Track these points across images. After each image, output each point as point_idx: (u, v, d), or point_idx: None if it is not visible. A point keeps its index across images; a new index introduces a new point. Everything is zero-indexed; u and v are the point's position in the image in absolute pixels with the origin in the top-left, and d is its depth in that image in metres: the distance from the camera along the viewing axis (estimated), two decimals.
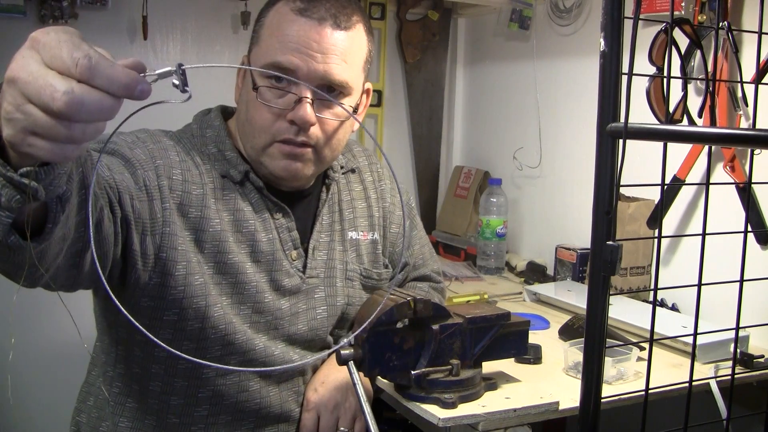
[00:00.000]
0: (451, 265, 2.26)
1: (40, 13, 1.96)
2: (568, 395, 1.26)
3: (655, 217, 1.79)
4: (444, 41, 2.60)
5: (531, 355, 1.40)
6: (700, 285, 0.88)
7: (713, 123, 1.08)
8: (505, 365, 1.36)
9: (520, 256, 2.32)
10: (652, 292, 1.47)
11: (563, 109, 2.17)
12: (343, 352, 1.13)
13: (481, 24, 2.57)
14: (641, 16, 1.61)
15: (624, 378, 1.34)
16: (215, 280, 1.18)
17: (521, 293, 1.97)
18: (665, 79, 0.89)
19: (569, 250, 2.02)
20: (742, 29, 1.60)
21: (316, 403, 1.26)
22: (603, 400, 0.79)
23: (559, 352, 1.44)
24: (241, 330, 1.19)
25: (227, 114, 1.31)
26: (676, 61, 0.89)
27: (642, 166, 1.40)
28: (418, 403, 1.19)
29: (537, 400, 1.23)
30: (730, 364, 1.08)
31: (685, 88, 0.97)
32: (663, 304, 1.77)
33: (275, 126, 1.17)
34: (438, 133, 2.65)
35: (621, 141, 0.74)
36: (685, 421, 0.88)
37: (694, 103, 1.52)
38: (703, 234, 0.86)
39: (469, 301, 1.82)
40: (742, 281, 0.89)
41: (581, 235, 2.07)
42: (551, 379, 1.35)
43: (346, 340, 1.17)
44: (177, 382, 1.20)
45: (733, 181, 1.62)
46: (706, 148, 1.55)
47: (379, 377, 1.22)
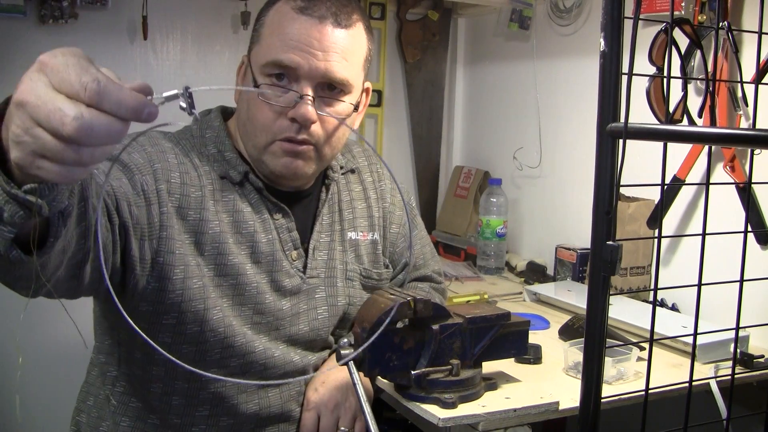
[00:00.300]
0: (451, 265, 2.26)
1: (40, 13, 1.96)
2: (568, 395, 1.26)
3: (655, 217, 1.79)
4: (444, 41, 2.60)
5: (531, 355, 1.40)
6: (700, 285, 0.88)
7: (713, 123, 1.08)
8: (505, 365, 1.36)
9: (520, 256, 2.32)
10: (652, 292, 1.47)
11: (563, 109, 2.17)
12: (343, 352, 1.13)
13: (481, 24, 2.57)
14: (641, 16, 1.61)
15: (624, 378, 1.34)
16: (215, 282, 1.18)
17: (521, 293, 1.97)
18: (665, 79, 0.89)
19: (569, 250, 2.02)
20: (742, 29, 1.60)
21: (317, 403, 1.26)
22: (603, 400, 0.79)
23: (559, 352, 1.44)
24: (241, 332, 1.19)
25: (227, 115, 1.31)
26: (676, 61, 0.89)
27: (642, 166, 1.39)
28: (418, 403, 1.19)
29: (537, 400, 1.23)
30: (730, 364, 1.08)
31: (685, 88, 0.97)
32: (663, 304, 1.77)
33: (276, 124, 1.18)
34: (438, 133, 2.65)
35: (621, 141, 0.74)
36: (685, 421, 0.88)
37: (694, 103, 1.52)
38: (703, 234, 0.86)
39: (469, 301, 1.82)
40: (742, 281, 0.89)
41: (581, 235, 2.07)
42: (551, 379, 1.35)
43: (345, 340, 1.17)
44: (178, 384, 1.20)
45: (733, 181, 1.62)
46: (706, 148, 1.55)
47: (379, 377, 1.23)
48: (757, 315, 1.37)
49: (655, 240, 1.80)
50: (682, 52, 0.96)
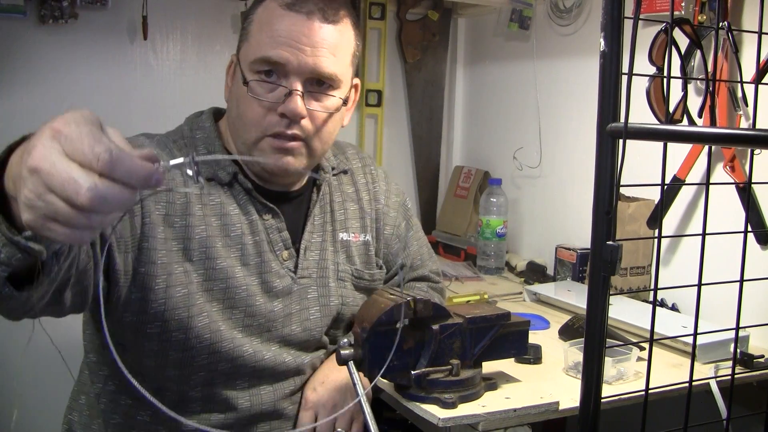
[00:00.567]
0: (451, 265, 2.26)
1: (40, 13, 1.96)
2: (568, 395, 1.26)
3: (655, 217, 1.79)
4: (444, 41, 2.60)
5: (531, 355, 1.40)
6: (700, 285, 0.88)
7: (713, 123, 1.08)
8: (505, 365, 1.36)
9: (520, 256, 2.31)
10: (652, 292, 1.47)
11: (563, 109, 2.17)
12: (342, 352, 1.13)
13: (481, 24, 2.57)
14: (641, 16, 1.61)
15: (624, 378, 1.34)
16: (205, 287, 1.18)
17: (521, 293, 1.97)
18: (665, 79, 0.89)
19: (569, 250, 2.02)
20: (742, 29, 1.60)
21: (315, 403, 1.27)
22: (603, 400, 0.79)
23: (559, 352, 1.44)
24: (229, 337, 1.19)
25: (219, 116, 1.32)
26: (676, 61, 0.89)
27: (642, 166, 1.39)
28: (418, 403, 1.19)
29: (537, 400, 1.23)
30: (730, 364, 1.07)
31: (685, 88, 0.97)
32: (663, 304, 1.77)
33: (266, 120, 1.18)
34: (438, 133, 2.65)
35: (621, 141, 0.74)
36: (685, 421, 0.88)
37: (694, 103, 1.52)
38: (703, 234, 0.86)
39: (469, 301, 1.82)
40: (742, 281, 0.89)
41: (581, 235, 2.07)
42: (551, 379, 1.35)
43: (345, 340, 1.17)
44: (168, 385, 1.21)
45: (733, 181, 1.62)
46: (706, 148, 1.55)
47: (379, 377, 1.22)
48: (757, 315, 1.37)
49: (655, 240, 1.80)
50: (682, 52, 0.96)
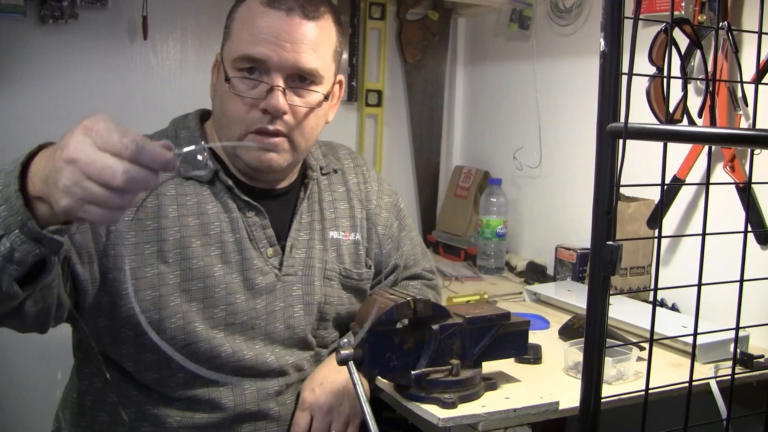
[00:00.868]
0: (451, 265, 2.26)
1: (40, 13, 1.96)
2: (568, 395, 1.25)
3: (655, 217, 1.79)
4: (444, 41, 2.60)
5: (531, 355, 1.40)
6: (700, 285, 0.88)
7: (713, 123, 1.08)
8: (505, 365, 1.36)
9: (520, 256, 2.31)
10: (652, 292, 1.47)
11: (563, 109, 2.17)
12: (343, 352, 1.13)
13: (481, 24, 2.57)
14: (641, 16, 1.61)
15: (624, 378, 1.34)
16: (183, 287, 1.19)
17: (521, 293, 1.97)
18: (665, 79, 0.89)
19: (569, 250, 2.02)
20: (742, 29, 1.60)
21: (311, 404, 1.27)
22: (603, 400, 0.79)
23: (559, 352, 1.44)
24: (205, 337, 1.20)
25: (207, 117, 1.34)
26: (676, 61, 0.89)
27: (642, 166, 1.39)
28: (418, 403, 1.19)
29: (537, 400, 1.23)
30: (730, 364, 1.08)
31: (685, 88, 0.97)
32: (663, 304, 1.77)
33: (249, 116, 1.20)
34: (438, 133, 2.65)
35: (621, 141, 0.74)
36: (685, 421, 0.88)
37: (694, 103, 1.52)
38: (703, 234, 0.86)
39: (469, 301, 1.82)
40: (742, 281, 0.89)
41: (581, 235, 2.07)
42: (551, 379, 1.35)
43: (345, 340, 1.17)
44: (152, 386, 1.21)
45: (733, 181, 1.62)
46: (706, 148, 1.55)
47: (379, 377, 1.22)
48: (757, 315, 1.36)
49: (655, 240, 1.80)
50: (682, 52, 0.96)
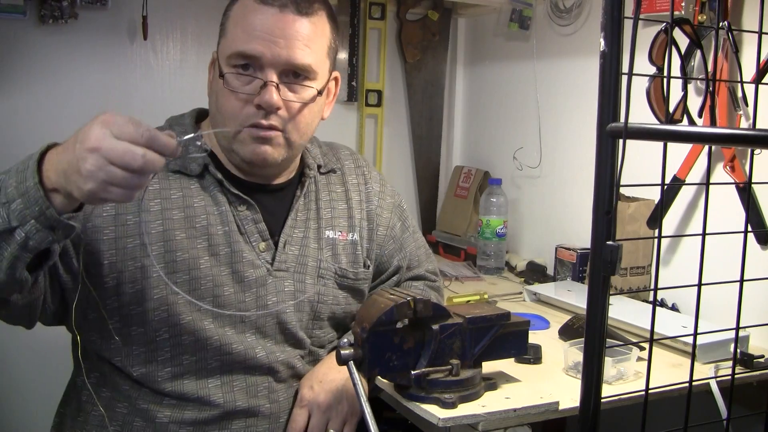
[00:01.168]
0: (451, 265, 2.26)
1: (40, 13, 1.96)
2: (568, 395, 1.26)
3: (655, 217, 1.79)
4: (444, 41, 2.60)
5: (531, 355, 1.40)
6: (700, 285, 0.88)
7: (713, 123, 1.09)
8: (505, 365, 1.36)
9: (520, 256, 2.32)
10: (652, 292, 1.47)
11: (563, 109, 2.17)
12: (343, 352, 1.13)
13: (481, 24, 2.57)
14: (641, 16, 1.61)
15: (624, 378, 1.34)
16: (169, 279, 1.20)
17: (521, 293, 1.97)
18: (665, 79, 0.89)
19: (569, 250, 2.02)
20: (742, 29, 1.60)
21: (310, 401, 1.27)
22: (603, 400, 0.79)
23: (559, 352, 1.44)
24: (191, 330, 1.20)
25: (204, 117, 1.35)
26: (676, 61, 0.90)
27: (642, 166, 1.39)
28: (418, 403, 1.19)
29: (537, 400, 1.24)
30: (730, 364, 1.08)
31: (685, 88, 0.97)
32: (663, 304, 1.77)
33: (243, 112, 1.21)
34: (438, 133, 2.65)
35: (621, 141, 0.74)
36: (685, 421, 0.88)
37: (694, 103, 1.53)
38: (703, 234, 0.86)
39: (469, 301, 1.82)
40: (742, 281, 0.89)
41: (581, 235, 2.07)
42: (551, 379, 1.35)
43: (345, 340, 1.17)
44: (142, 380, 1.22)
45: (733, 181, 1.62)
46: (706, 148, 1.55)
47: (379, 377, 1.22)
48: (757, 315, 1.36)
49: (655, 240, 1.80)
50: (682, 52, 0.97)
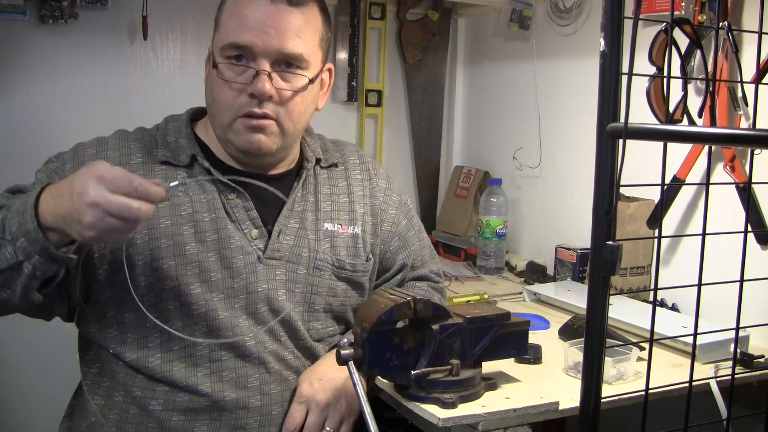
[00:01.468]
0: (451, 265, 2.26)
1: (40, 13, 1.96)
2: (568, 395, 1.26)
3: (655, 217, 1.79)
4: (444, 41, 2.60)
5: (531, 355, 1.40)
6: (700, 285, 0.88)
7: (713, 123, 1.09)
8: (505, 365, 1.36)
9: (520, 256, 2.32)
10: (652, 292, 1.47)
11: (563, 109, 2.17)
12: (343, 352, 1.13)
13: (481, 24, 2.57)
14: (641, 16, 1.61)
15: (624, 378, 1.34)
16: (154, 266, 1.23)
17: (521, 293, 1.97)
18: (665, 79, 0.89)
19: (569, 250, 2.02)
20: (742, 29, 1.60)
21: (308, 398, 1.27)
22: (603, 400, 0.79)
23: (559, 352, 1.44)
24: (178, 316, 1.23)
25: (200, 115, 1.38)
26: (676, 61, 0.90)
27: (642, 166, 1.39)
28: (418, 403, 1.19)
29: (537, 400, 1.24)
30: (730, 364, 1.08)
31: (685, 88, 0.97)
32: (663, 304, 1.77)
33: (237, 101, 1.24)
34: (438, 133, 2.65)
35: (621, 141, 0.74)
36: (685, 421, 0.88)
37: (694, 103, 1.52)
38: (703, 234, 0.86)
39: (469, 301, 1.82)
40: (742, 281, 0.89)
41: (581, 235, 2.07)
42: (551, 379, 1.35)
43: (345, 339, 1.17)
44: (137, 367, 1.25)
45: (733, 181, 1.62)
46: (706, 148, 1.55)
47: (379, 377, 1.22)
48: (757, 315, 1.36)
49: (655, 240, 1.80)
50: (682, 52, 0.97)
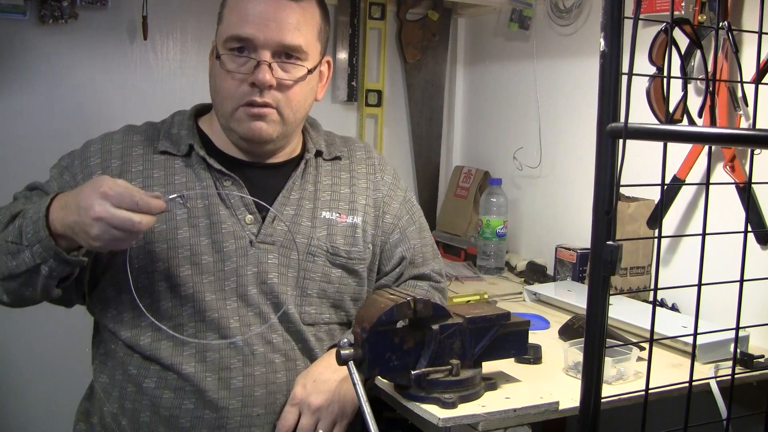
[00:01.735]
0: (451, 265, 2.26)
1: (40, 13, 1.96)
2: (568, 395, 1.25)
3: (655, 217, 1.79)
4: (444, 41, 2.60)
5: (531, 355, 1.40)
6: (700, 285, 0.88)
7: (713, 123, 1.09)
8: (505, 365, 1.36)
9: (520, 256, 2.31)
10: (652, 292, 1.47)
11: (563, 109, 2.17)
12: (343, 352, 1.13)
13: (481, 24, 2.57)
14: (641, 16, 1.61)
15: (624, 378, 1.34)
16: (147, 248, 1.29)
17: (521, 293, 1.97)
18: (665, 79, 0.89)
19: (569, 250, 2.02)
20: (742, 29, 1.60)
21: (301, 400, 1.28)
22: (603, 400, 0.79)
23: (559, 352, 1.44)
24: (168, 297, 1.28)
25: (204, 111, 1.43)
26: (676, 61, 0.90)
27: (642, 166, 1.40)
28: (418, 403, 1.19)
29: (537, 400, 1.24)
30: (730, 364, 1.08)
31: (685, 88, 0.98)
32: (663, 304, 1.77)
33: (239, 91, 1.29)
34: (438, 133, 2.65)
35: (621, 141, 0.74)
36: (685, 421, 0.88)
37: (694, 103, 1.53)
38: (703, 234, 0.86)
39: (469, 301, 1.82)
40: (742, 281, 0.89)
41: (581, 235, 2.07)
42: (551, 379, 1.35)
43: (345, 339, 1.17)
44: (133, 349, 1.30)
45: (733, 181, 1.62)
46: (706, 148, 1.55)
47: (379, 377, 1.22)
48: (757, 315, 1.37)
49: (655, 240, 1.80)
50: (682, 52, 0.97)
